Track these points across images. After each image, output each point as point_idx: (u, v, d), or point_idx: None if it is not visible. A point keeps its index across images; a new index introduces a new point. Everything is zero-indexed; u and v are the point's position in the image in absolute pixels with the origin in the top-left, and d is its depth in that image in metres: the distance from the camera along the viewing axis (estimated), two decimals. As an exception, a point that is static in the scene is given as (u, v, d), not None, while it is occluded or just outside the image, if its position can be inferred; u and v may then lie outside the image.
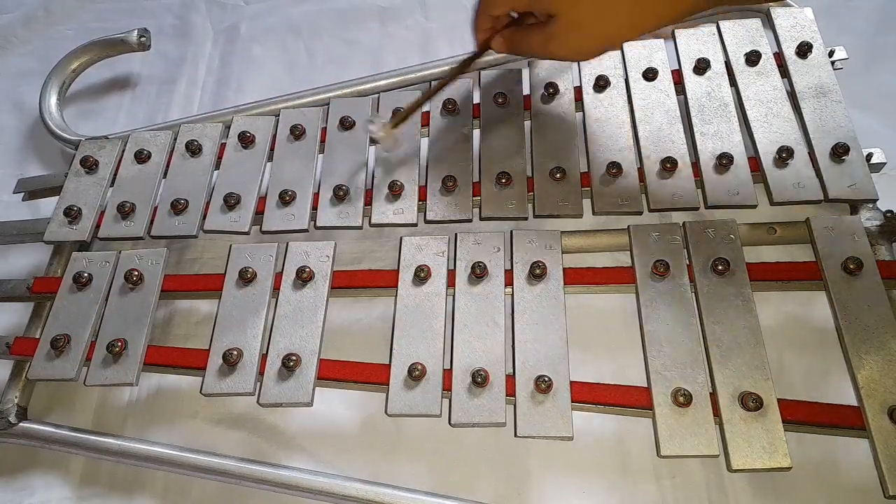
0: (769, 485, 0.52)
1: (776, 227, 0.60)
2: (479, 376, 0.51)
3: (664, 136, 0.62)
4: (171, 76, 0.85)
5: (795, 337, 0.58)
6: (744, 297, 0.53)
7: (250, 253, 0.60)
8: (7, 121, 0.84)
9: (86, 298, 0.59)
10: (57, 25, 0.92)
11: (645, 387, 0.51)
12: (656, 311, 0.53)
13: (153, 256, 0.61)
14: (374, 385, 0.53)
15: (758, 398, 0.48)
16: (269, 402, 0.53)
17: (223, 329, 0.56)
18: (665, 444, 0.48)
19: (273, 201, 0.63)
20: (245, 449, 0.58)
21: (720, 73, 0.66)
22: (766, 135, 0.61)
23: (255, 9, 0.91)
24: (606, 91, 0.66)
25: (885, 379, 0.49)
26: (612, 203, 0.59)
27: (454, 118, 0.66)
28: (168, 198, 0.64)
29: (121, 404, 0.62)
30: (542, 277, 0.56)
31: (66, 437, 0.57)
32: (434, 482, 0.55)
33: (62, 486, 0.58)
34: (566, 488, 0.54)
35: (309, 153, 0.66)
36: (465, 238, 0.59)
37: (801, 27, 0.67)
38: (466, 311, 0.55)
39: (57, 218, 0.64)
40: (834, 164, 0.59)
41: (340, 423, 0.59)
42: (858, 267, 0.53)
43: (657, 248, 0.56)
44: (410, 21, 0.87)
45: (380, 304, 0.63)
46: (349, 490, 0.52)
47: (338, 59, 0.85)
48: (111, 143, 0.70)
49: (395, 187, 0.61)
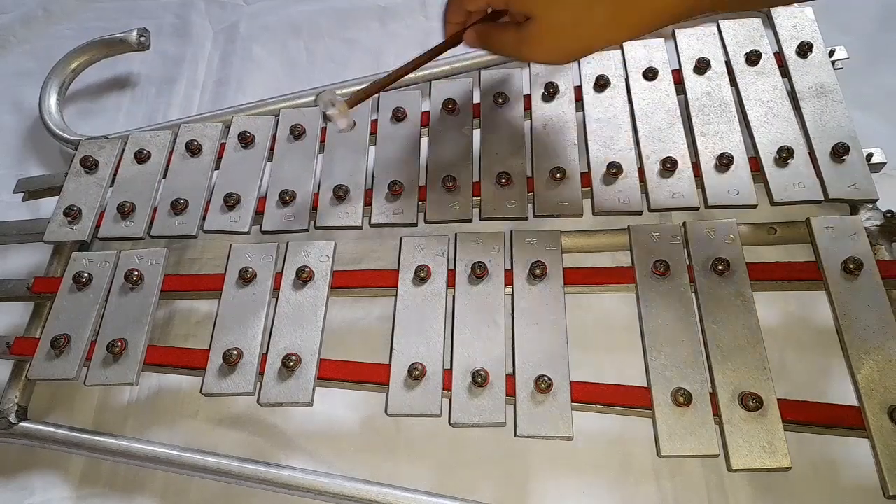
0: (769, 485, 0.52)
1: (776, 227, 0.60)
2: (479, 376, 0.51)
3: (664, 136, 0.62)
4: (170, 76, 0.85)
5: (795, 337, 0.58)
6: (744, 297, 0.53)
7: (250, 253, 0.60)
8: (7, 121, 0.84)
9: (86, 298, 0.59)
10: (56, 25, 0.92)
11: (645, 387, 0.51)
12: (656, 311, 0.53)
13: (153, 256, 0.61)
14: (374, 385, 0.53)
15: (758, 398, 0.48)
16: (269, 402, 0.53)
17: (223, 329, 0.56)
18: (665, 444, 0.48)
19: (273, 201, 0.63)
20: (245, 449, 0.58)
21: (720, 72, 0.66)
22: (767, 135, 0.61)
23: (254, 8, 0.91)
24: (606, 91, 0.66)
25: (885, 379, 0.49)
26: (612, 203, 0.59)
27: (454, 118, 0.66)
28: (168, 198, 0.64)
29: (121, 404, 0.62)
30: (542, 277, 0.56)
31: (66, 437, 0.57)
32: (434, 482, 0.55)
33: (62, 486, 0.58)
34: (566, 488, 0.54)
35: (309, 153, 0.66)
36: (465, 238, 0.59)
37: (801, 27, 0.67)
38: (466, 311, 0.55)
39: (57, 218, 0.64)
40: (834, 164, 0.58)
41: (340, 423, 0.59)
42: (858, 267, 0.53)
43: (657, 248, 0.56)
44: (410, 20, 0.87)
45: (380, 304, 0.63)
46: (349, 490, 0.52)
47: (338, 58, 0.85)
48: (111, 143, 0.70)
49: (395, 187, 0.61)
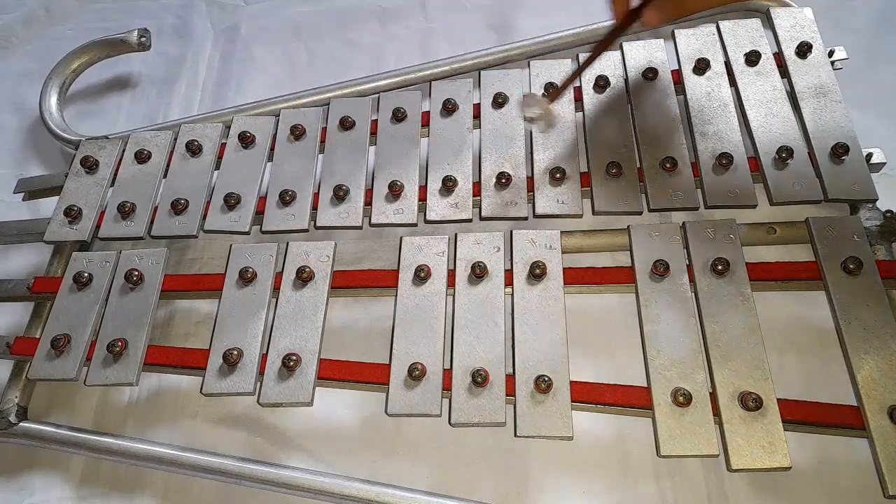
0: (769, 485, 0.52)
1: (776, 227, 0.60)
2: (479, 376, 0.51)
3: (664, 136, 0.62)
4: (171, 76, 0.85)
5: (795, 337, 0.58)
6: (743, 297, 0.53)
7: (250, 253, 0.60)
8: (7, 121, 0.84)
9: (86, 298, 0.59)
10: (57, 25, 0.92)
11: (645, 387, 0.51)
12: (656, 311, 0.53)
13: (153, 256, 0.61)
14: (374, 385, 0.53)
15: (757, 398, 0.48)
16: (269, 402, 0.53)
17: (223, 329, 0.56)
18: (665, 443, 0.48)
19: (273, 201, 0.63)
20: (245, 449, 0.58)
21: (720, 73, 0.66)
22: (766, 135, 0.61)
23: (255, 9, 0.91)
24: (606, 91, 0.66)
25: (885, 379, 0.49)
26: (613, 203, 0.59)
27: (454, 118, 0.66)
28: (168, 198, 0.64)
29: (121, 404, 0.62)
30: (542, 277, 0.56)
31: (67, 436, 0.57)
32: (434, 482, 0.55)
33: (62, 485, 0.58)
34: (566, 488, 0.54)
35: (309, 153, 0.66)
36: (465, 238, 0.59)
37: (800, 27, 0.67)
38: (466, 311, 0.55)
39: (57, 218, 0.65)
40: (834, 164, 0.59)
41: (340, 423, 0.59)
42: (858, 267, 0.53)
43: (657, 248, 0.56)
44: (411, 21, 0.87)
45: (380, 304, 0.63)
46: (349, 490, 0.52)
47: (338, 59, 0.85)
48: (111, 143, 0.70)
49: (395, 187, 0.61)
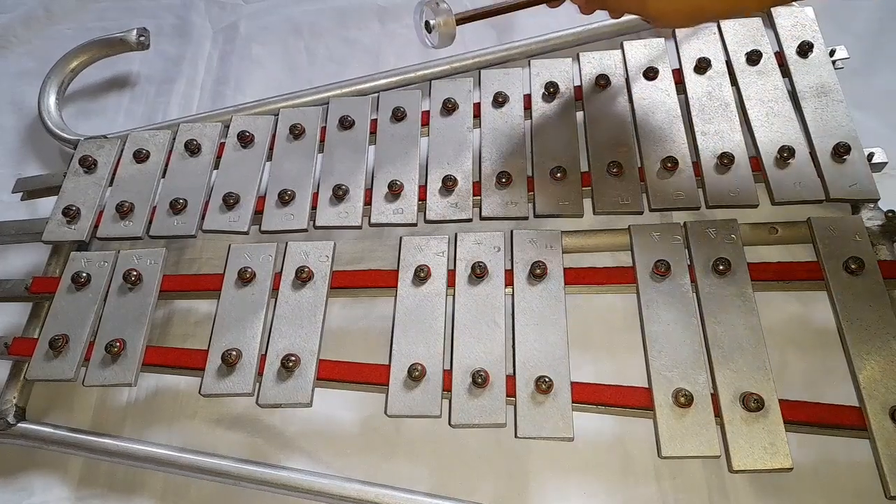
0: (770, 485, 0.52)
1: (777, 227, 0.60)
2: (479, 377, 0.50)
3: (665, 135, 0.62)
4: (170, 75, 0.85)
5: (797, 337, 0.58)
6: (745, 298, 0.53)
7: (249, 253, 0.60)
8: (6, 120, 0.84)
9: (84, 298, 0.59)
10: (56, 25, 0.92)
11: (646, 387, 0.51)
12: (657, 312, 0.53)
13: (152, 256, 0.61)
14: (374, 385, 0.53)
15: (759, 399, 0.48)
16: (268, 403, 0.53)
17: (222, 329, 0.56)
18: (666, 444, 0.48)
19: (272, 201, 0.62)
20: (244, 450, 0.57)
21: (721, 72, 0.65)
22: (768, 134, 0.61)
23: (254, 8, 0.91)
24: (607, 90, 0.66)
25: (887, 379, 0.49)
26: (613, 203, 0.59)
27: (454, 117, 0.66)
28: (167, 197, 0.64)
29: (119, 405, 0.61)
30: (543, 277, 0.55)
31: (65, 437, 0.57)
32: (434, 483, 0.55)
33: (61, 486, 0.58)
34: (566, 489, 0.54)
35: (308, 153, 0.66)
36: (465, 238, 0.59)
37: (801, 26, 0.67)
38: (466, 311, 0.55)
39: (55, 218, 0.64)
40: (835, 164, 0.58)
41: (340, 423, 0.58)
42: (860, 267, 0.53)
43: (658, 248, 0.56)
44: (410, 20, 0.86)
45: (380, 304, 0.63)
46: (348, 491, 0.52)
47: (337, 58, 0.85)
48: (110, 143, 0.69)
49: (395, 187, 0.61)
